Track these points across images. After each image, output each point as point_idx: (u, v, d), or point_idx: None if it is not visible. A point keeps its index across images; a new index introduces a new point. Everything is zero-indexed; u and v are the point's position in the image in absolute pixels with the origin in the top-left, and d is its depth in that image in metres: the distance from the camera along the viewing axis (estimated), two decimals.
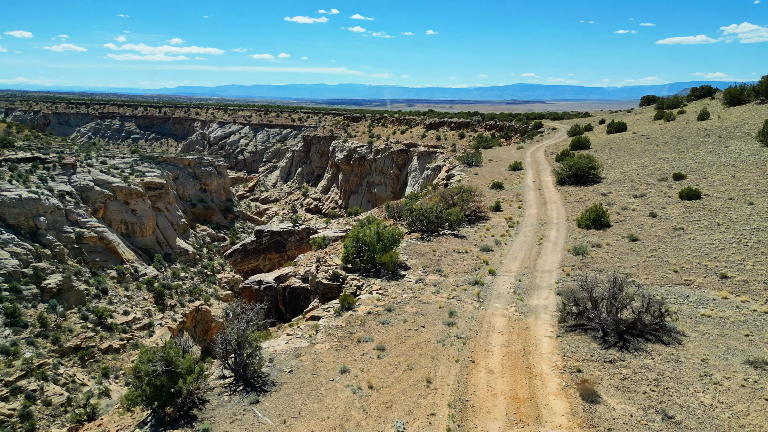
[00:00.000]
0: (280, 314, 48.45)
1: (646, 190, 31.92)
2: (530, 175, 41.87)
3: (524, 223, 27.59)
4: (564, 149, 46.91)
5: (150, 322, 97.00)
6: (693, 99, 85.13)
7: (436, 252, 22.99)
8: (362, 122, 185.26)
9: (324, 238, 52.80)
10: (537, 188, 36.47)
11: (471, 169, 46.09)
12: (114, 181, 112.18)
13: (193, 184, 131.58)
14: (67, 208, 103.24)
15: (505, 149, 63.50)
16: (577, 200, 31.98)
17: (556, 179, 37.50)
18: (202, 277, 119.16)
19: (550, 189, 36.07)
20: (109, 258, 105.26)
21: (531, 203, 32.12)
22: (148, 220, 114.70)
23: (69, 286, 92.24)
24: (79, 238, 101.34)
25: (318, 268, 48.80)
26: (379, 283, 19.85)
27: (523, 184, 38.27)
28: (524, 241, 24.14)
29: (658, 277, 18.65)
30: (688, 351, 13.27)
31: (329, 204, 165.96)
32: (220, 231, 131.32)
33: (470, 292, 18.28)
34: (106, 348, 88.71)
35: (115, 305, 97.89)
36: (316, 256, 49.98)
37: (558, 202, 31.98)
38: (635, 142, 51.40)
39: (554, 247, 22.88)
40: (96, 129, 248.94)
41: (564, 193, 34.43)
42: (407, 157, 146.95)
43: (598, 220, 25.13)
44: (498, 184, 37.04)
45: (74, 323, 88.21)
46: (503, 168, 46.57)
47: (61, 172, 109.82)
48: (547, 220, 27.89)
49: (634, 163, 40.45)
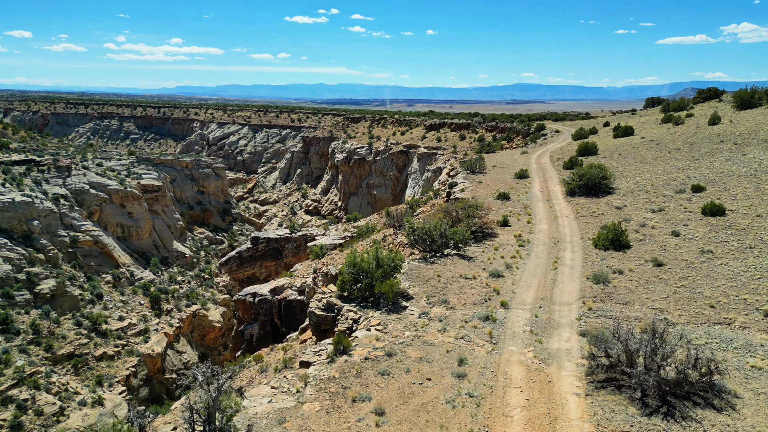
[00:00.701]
0: (275, 328, 46.33)
1: (663, 203, 29.67)
2: (537, 184, 39.59)
3: (535, 241, 25.33)
4: (571, 156, 44.64)
5: (146, 327, 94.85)
6: (699, 101, 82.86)
7: (441, 277, 20.77)
8: (362, 123, 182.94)
9: (322, 247, 50.59)
10: (546, 199, 34.18)
11: (475, 177, 43.80)
12: (110, 184, 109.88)
13: (191, 187, 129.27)
14: (61, 211, 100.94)
15: (508, 154, 61.21)
16: (589, 214, 29.72)
17: (565, 190, 35.21)
18: (199, 281, 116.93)
19: (560, 200, 33.79)
20: (104, 262, 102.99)
21: (541, 217, 29.85)
22: (145, 223, 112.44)
23: (63, 292, 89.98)
24: (74, 242, 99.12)
25: (315, 281, 46.65)
26: (378, 317, 17.61)
27: (530, 195, 35.99)
28: (537, 264, 21.88)
29: (693, 313, 16.44)
30: (746, 421, 11.06)
31: (329, 205, 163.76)
32: (218, 234, 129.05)
33: (481, 331, 16.06)
34: (101, 355, 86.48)
35: (110, 310, 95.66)
36: (314, 267, 47.79)
37: (569, 216, 29.72)
38: (645, 147, 49.12)
39: (571, 273, 20.64)
40: (95, 129, 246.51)
41: (575, 205, 32.16)
42: (407, 158, 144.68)
43: (616, 240, 22.90)
44: (504, 194, 34.75)
45: (68, 329, 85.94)
46: (508, 175, 44.29)
47: (56, 175, 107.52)
48: (560, 238, 25.63)
49: (647, 172, 38.18)
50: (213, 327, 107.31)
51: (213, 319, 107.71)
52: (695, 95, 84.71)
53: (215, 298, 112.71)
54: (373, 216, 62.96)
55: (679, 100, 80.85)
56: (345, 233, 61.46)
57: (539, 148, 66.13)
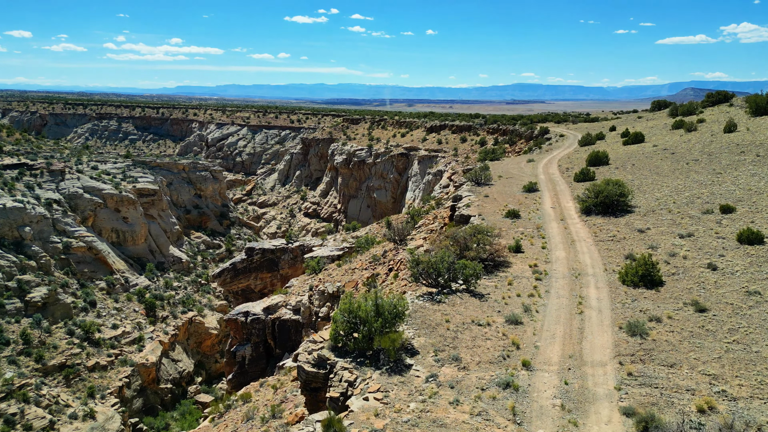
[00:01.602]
0: (268, 349, 43.42)
1: (691, 226, 26.80)
2: (548, 199, 36.69)
3: (553, 273, 22.46)
4: (583, 168, 41.75)
5: (140, 335, 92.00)
6: (708, 105, 80.00)
7: (450, 323, 17.93)
8: (361, 124, 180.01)
9: (318, 261, 47.74)
10: (559, 218, 31.31)
11: (480, 189, 40.92)
12: (104, 188, 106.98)
13: (188, 190, 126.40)
14: (54, 217, 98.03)
15: (514, 161, 58.33)
16: (609, 238, 26.85)
17: (580, 207, 32.33)
18: (196, 287, 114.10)
19: (575, 220, 30.92)
20: (98, 268, 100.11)
21: (556, 241, 26.98)
22: (140, 228, 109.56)
23: (55, 300, 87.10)
24: (67, 248, 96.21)
25: (311, 299, 43.88)
26: (377, 379, 14.77)
27: (542, 213, 33.10)
28: (559, 306, 19.02)
29: (755, 383, 13.60)
30: None
31: (328, 208, 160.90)
32: (216, 238, 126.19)
33: (501, 404, 13.23)
34: (93, 365, 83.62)
35: (103, 318, 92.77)
36: (310, 283, 45.07)
37: (588, 240, 26.85)
38: (660, 157, 46.22)
39: (599, 319, 17.81)
40: (93, 130, 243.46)
41: (592, 226, 29.28)
42: (408, 161, 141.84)
43: (647, 275, 20.06)
44: (514, 212, 31.87)
45: (59, 339, 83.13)
46: (516, 188, 41.38)
47: (49, 179, 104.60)
48: (581, 270, 22.76)
49: (666, 187, 35.29)
50: (209, 334, 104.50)
51: (210, 326, 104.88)
52: (704, 99, 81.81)
53: (212, 304, 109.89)
54: (373, 225, 60.14)
55: (687, 104, 77.94)
56: (343, 244, 58.65)
57: (545, 155, 63.24)
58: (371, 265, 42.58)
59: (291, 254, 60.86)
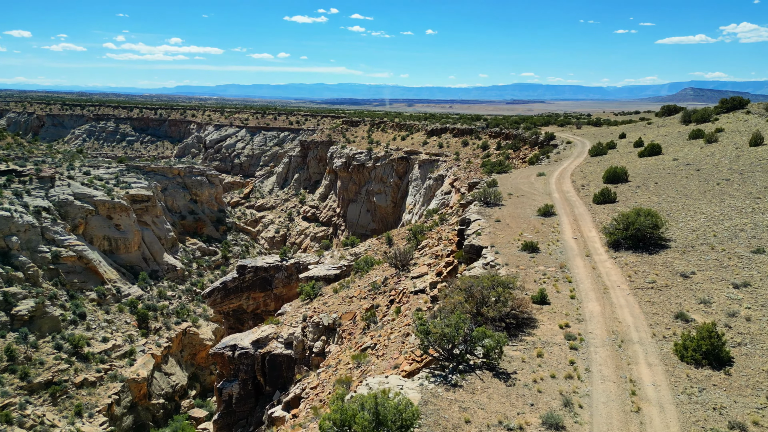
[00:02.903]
0: (257, 386, 39.05)
1: (743, 270, 22.64)
2: (568, 225, 32.51)
3: (590, 339, 18.30)
4: (603, 189, 37.56)
5: (131, 349, 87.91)
6: (723, 111, 75.83)
7: (471, 424, 13.82)
8: (361, 126, 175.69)
9: (313, 285, 43.54)
10: (584, 253, 27.15)
11: (490, 211, 36.73)
12: (96, 195, 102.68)
13: (183, 195, 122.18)
14: (43, 225, 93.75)
15: (523, 174, 54.11)
16: (649, 284, 22.68)
17: (606, 240, 28.18)
18: (190, 296, 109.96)
19: (602, 256, 26.76)
20: (88, 278, 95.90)
21: (586, 288, 22.82)
22: (133, 235, 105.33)
23: (42, 312, 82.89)
24: (56, 257, 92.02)
25: (304, 331, 39.65)
26: None
27: (563, 245, 28.93)
28: (607, 397, 14.86)
29: None
30: None
31: (327, 212, 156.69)
32: (211, 244, 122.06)
33: None
34: (81, 382, 79.52)
35: (93, 331, 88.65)
36: (303, 313, 40.93)
37: (623, 286, 22.69)
38: (684, 174, 42.02)
39: (664, 421, 13.65)
40: (90, 131, 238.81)
41: (624, 266, 25.11)
42: (408, 165, 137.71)
43: (713, 352, 15.95)
44: (531, 244, 27.72)
45: (47, 354, 79.02)
46: (530, 210, 37.17)
47: (38, 186, 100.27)
48: (624, 333, 18.61)
49: (701, 214, 31.11)
50: (204, 345, 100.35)
51: (204, 336, 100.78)
52: (718, 104, 77.63)
53: (207, 314, 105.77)
54: (372, 241, 56.02)
55: (702, 110, 73.76)
56: (341, 262, 54.48)
57: (554, 166, 59.03)
58: (370, 294, 38.39)
59: (285, 272, 56.66)
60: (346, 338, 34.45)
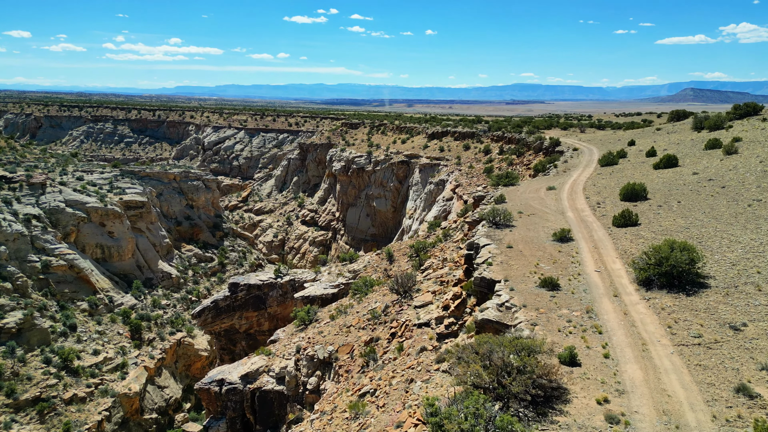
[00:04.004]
0: (247, 425, 35.49)
1: None
2: (588, 254, 29.13)
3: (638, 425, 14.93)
4: (623, 211, 34.16)
5: (123, 361, 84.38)
6: (736, 118, 72.48)
7: None
8: (361, 129, 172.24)
9: (309, 310, 40.14)
10: (611, 293, 23.77)
11: (500, 234, 33.35)
12: (88, 201, 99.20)
13: (179, 201, 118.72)
14: (33, 234, 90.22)
15: (531, 188, 50.70)
16: (694, 340, 19.29)
17: (635, 275, 24.80)
18: (186, 304, 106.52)
19: (632, 296, 23.36)
20: (80, 288, 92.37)
21: (621, 342, 19.45)
22: (127, 243, 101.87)
23: (31, 325, 79.32)
24: (46, 267, 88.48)
25: (298, 364, 36.30)
26: None
27: (586, 280, 25.54)
28: None
29: None
30: None
31: (326, 216, 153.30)
32: (208, 250, 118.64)
33: None
34: (70, 398, 75.97)
35: (84, 343, 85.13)
36: (297, 344, 37.53)
37: (664, 341, 19.32)
38: (709, 192, 38.62)
39: None
40: (88, 133, 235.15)
41: (660, 311, 21.71)
42: (408, 169, 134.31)
43: None
44: (551, 281, 24.33)
45: (35, 369, 75.44)
46: (543, 233, 33.77)
47: (29, 193, 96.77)
48: (677, 416, 15.23)
49: (737, 243, 27.72)
50: (199, 356, 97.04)
51: (199, 347, 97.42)
52: (731, 111, 74.27)
53: None
54: (372, 257, 52.65)
55: (714, 117, 70.40)
56: (339, 279, 51.11)
57: (563, 177, 55.63)
58: (370, 324, 34.99)
59: (280, 290, 53.24)
60: (343, 376, 31.06)
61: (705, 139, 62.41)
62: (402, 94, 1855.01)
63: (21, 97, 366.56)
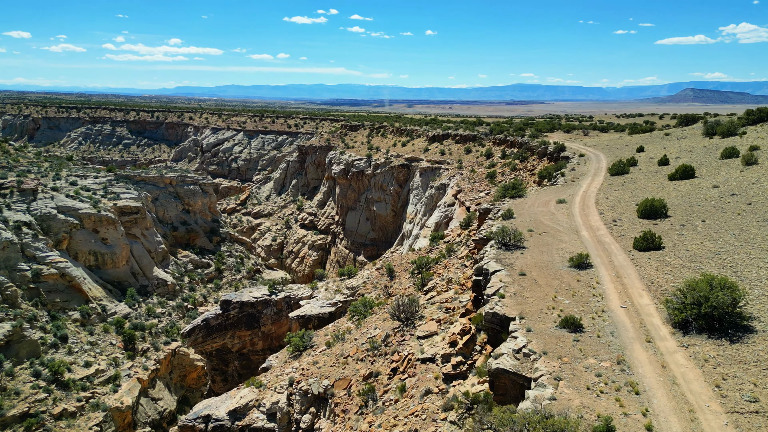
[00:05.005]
0: None
1: None
2: (610, 285, 26.10)
3: None
4: (645, 232, 31.11)
5: (116, 373, 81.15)
6: (749, 123, 69.49)
7: None
8: (360, 131, 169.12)
9: (303, 335, 37.14)
10: (643, 336, 20.75)
11: (511, 258, 30.29)
12: (81, 207, 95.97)
13: (175, 205, 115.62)
14: (23, 241, 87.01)
15: (540, 200, 47.61)
16: (750, 406, 16.27)
17: (669, 315, 21.75)
18: (181, 312, 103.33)
19: (669, 344, 20.30)
20: (71, 297, 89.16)
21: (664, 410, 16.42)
22: (121, 249, 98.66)
23: (20, 336, 76.12)
24: (37, 276, 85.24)
25: (290, 399, 33.29)
26: None
27: (612, 320, 22.49)
28: None
29: None
30: None
31: (325, 220, 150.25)
32: (205, 256, 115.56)
33: None
34: (60, 413, 72.74)
35: (75, 355, 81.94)
36: (290, 376, 34.51)
37: (714, 406, 16.30)
38: (734, 209, 35.56)
39: None
40: (86, 134, 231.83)
41: (705, 366, 18.65)
42: (409, 172, 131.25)
43: None
44: (572, 321, 21.30)
45: (23, 383, 72.22)
46: (558, 256, 30.69)
47: (20, 199, 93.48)
48: None
49: None
50: (195, 366, 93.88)
51: (195, 357, 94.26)
52: (744, 116, 71.21)
53: None
54: (372, 271, 49.65)
55: (727, 123, 67.28)
56: (336, 296, 48.08)
57: (572, 188, 52.54)
58: (369, 355, 31.93)
59: (274, 308, 50.19)
60: (339, 416, 27.99)
61: (718, 146, 59.40)
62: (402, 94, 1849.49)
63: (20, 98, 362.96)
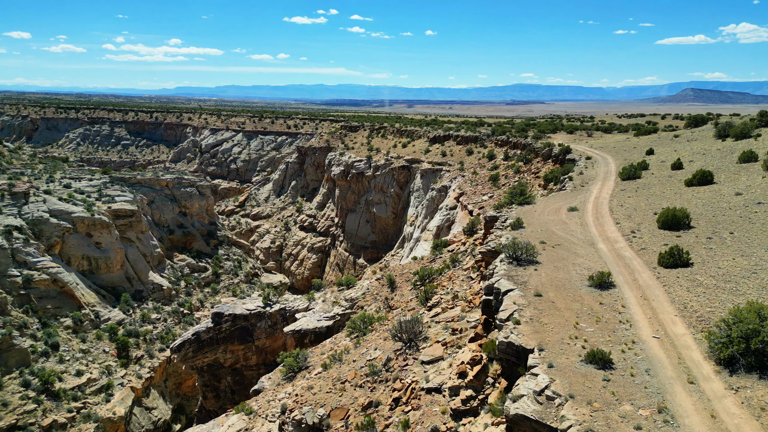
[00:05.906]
0: None
1: None
2: (638, 309, 23.24)
3: None
4: (672, 247, 28.22)
5: (108, 382, 78.18)
6: (762, 125, 66.63)
7: None
8: (360, 132, 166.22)
9: (298, 355, 34.33)
10: (684, 377, 17.92)
11: (524, 275, 27.37)
12: (74, 211, 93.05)
13: (171, 208, 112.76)
14: (14, 246, 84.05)
15: (549, 207, 44.72)
16: None
17: (710, 348, 18.86)
18: (177, 318, 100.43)
19: (715, 385, 17.44)
20: (63, 303, 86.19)
21: None
22: (115, 253, 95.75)
23: (9, 345, 73.16)
24: (28, 282, 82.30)
25: (282, 429, 30.42)
26: None
27: (646, 353, 19.63)
28: None
29: None
30: None
31: (325, 222, 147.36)
32: (202, 260, 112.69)
33: None
34: (50, 424, 69.82)
35: (66, 363, 79.01)
36: (283, 403, 31.69)
37: None
38: (762, 219, 32.66)
39: None
40: (85, 135, 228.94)
41: (762, 417, 15.79)
42: (409, 174, 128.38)
43: None
44: (599, 355, 18.47)
45: (12, 393, 69.33)
46: (575, 274, 27.78)
47: (11, 203, 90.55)
48: None
49: None
50: (191, 374, 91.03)
51: None
52: (758, 117, 68.34)
53: None
54: (372, 281, 46.85)
55: (741, 125, 64.38)
56: (334, 309, 45.23)
57: (582, 194, 49.65)
58: (368, 381, 29.01)
59: (269, 320, 47.40)
60: None
61: (734, 149, 56.52)
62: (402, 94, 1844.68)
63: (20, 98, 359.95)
